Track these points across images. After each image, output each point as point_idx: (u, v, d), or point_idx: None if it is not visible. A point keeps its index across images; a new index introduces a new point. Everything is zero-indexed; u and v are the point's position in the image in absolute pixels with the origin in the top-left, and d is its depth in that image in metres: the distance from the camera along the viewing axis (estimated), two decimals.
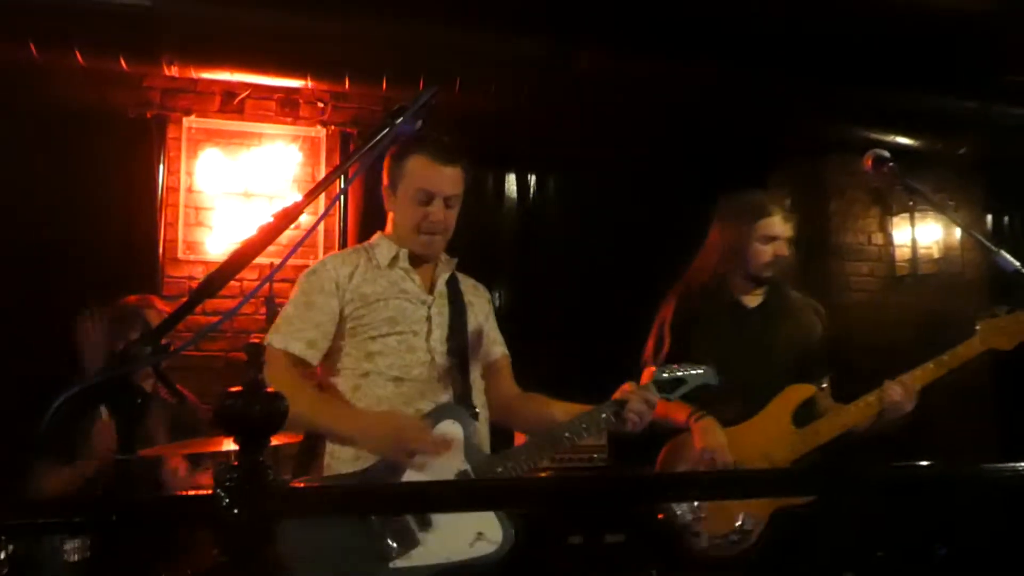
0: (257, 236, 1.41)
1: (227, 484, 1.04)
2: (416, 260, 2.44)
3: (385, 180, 2.45)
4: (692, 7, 4.07)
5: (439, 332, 2.36)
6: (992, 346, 2.67)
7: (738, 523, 2.65)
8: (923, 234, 5.46)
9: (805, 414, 2.78)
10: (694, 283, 2.98)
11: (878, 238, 5.54)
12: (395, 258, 2.42)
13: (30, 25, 3.64)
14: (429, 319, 2.36)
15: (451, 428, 2.22)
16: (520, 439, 2.90)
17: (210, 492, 1.05)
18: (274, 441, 2.80)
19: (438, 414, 2.24)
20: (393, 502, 1.27)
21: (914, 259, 5.43)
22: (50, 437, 2.87)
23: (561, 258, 4.94)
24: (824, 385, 2.90)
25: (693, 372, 2.43)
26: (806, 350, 2.90)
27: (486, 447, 2.34)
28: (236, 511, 1.02)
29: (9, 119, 4.07)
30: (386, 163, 2.43)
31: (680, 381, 2.39)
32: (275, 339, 2.27)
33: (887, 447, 2.79)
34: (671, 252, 3.18)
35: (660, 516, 2.75)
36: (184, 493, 2.73)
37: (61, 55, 3.74)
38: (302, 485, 2.17)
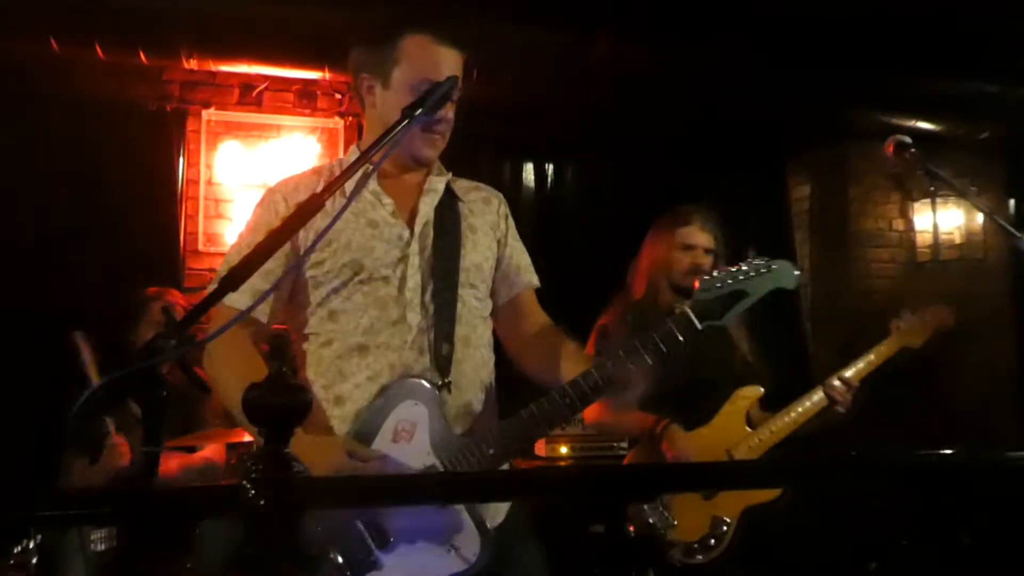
0: (278, 229, 1.42)
1: (252, 475, 1.04)
2: (393, 180, 1.94)
3: (354, 72, 1.95)
4: None
5: (417, 278, 1.86)
6: (905, 344, 2.89)
7: (708, 529, 2.70)
8: (944, 220, 5.42)
9: (756, 415, 2.90)
10: (630, 293, 3.09)
11: (899, 224, 5.50)
12: (362, 178, 1.83)
13: (50, 20, 3.67)
14: (404, 260, 1.86)
15: (411, 411, 1.78)
16: None
17: (235, 482, 1.06)
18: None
19: (395, 395, 1.79)
20: (417, 492, 1.28)
21: (935, 245, 5.40)
22: (78, 429, 2.91)
23: (580, 247, 4.93)
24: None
25: (754, 271, 1.85)
26: (746, 355, 3.00)
27: (462, 425, 1.85)
28: (261, 501, 1.03)
29: (32, 113, 4.11)
30: (355, 52, 1.96)
31: (736, 296, 1.84)
32: (234, 299, 1.65)
33: (919, 435, 2.81)
34: None
35: (631, 528, 2.77)
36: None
37: (81, 49, 3.78)
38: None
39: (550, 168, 5.16)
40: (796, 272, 1.91)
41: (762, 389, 2.89)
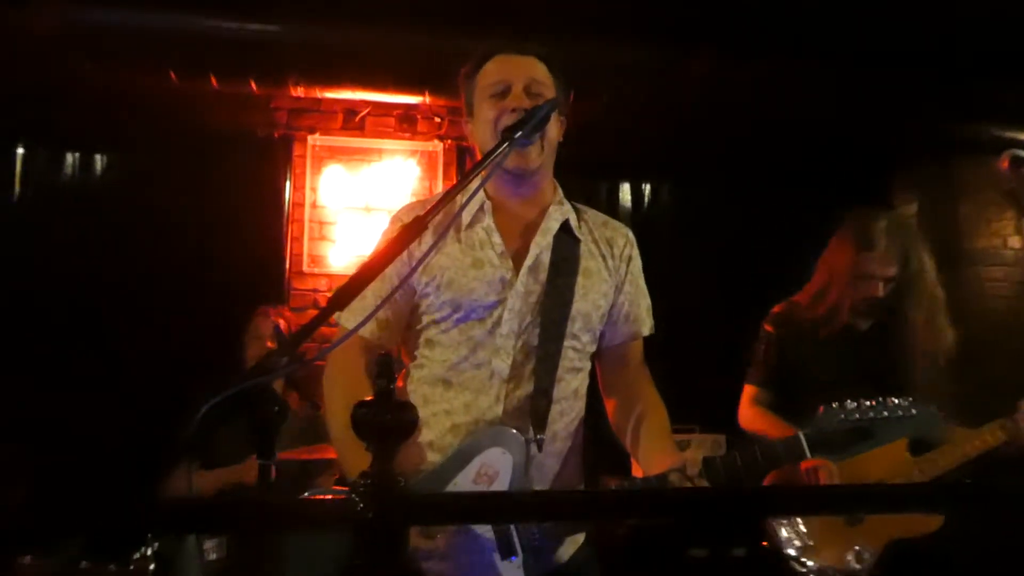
0: (381, 251, 1.45)
1: (360, 489, 1.08)
2: (509, 215, 1.91)
3: (464, 113, 2.02)
4: (811, 5, 3.97)
5: (514, 323, 1.82)
6: None
7: (850, 556, 2.56)
8: None
9: (923, 442, 2.70)
10: (804, 301, 2.89)
11: (1015, 241, 5.25)
12: (479, 212, 1.89)
13: (170, 54, 3.87)
14: (503, 304, 1.83)
15: (498, 459, 1.75)
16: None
17: (344, 496, 1.10)
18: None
19: (487, 438, 1.77)
20: (518, 510, 1.29)
21: None
22: (195, 443, 3.04)
23: (677, 268, 4.87)
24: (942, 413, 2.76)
25: (889, 412, 1.65)
26: (926, 372, 2.76)
27: (542, 484, 1.83)
28: (370, 515, 1.06)
29: (152, 142, 4.34)
30: (462, 94, 2.01)
31: (862, 434, 1.66)
32: (346, 319, 1.79)
33: None
34: (793, 263, 3.09)
35: (764, 544, 2.66)
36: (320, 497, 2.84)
37: (198, 81, 3.97)
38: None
39: (647, 188, 5.13)
40: (937, 421, 1.74)
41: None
